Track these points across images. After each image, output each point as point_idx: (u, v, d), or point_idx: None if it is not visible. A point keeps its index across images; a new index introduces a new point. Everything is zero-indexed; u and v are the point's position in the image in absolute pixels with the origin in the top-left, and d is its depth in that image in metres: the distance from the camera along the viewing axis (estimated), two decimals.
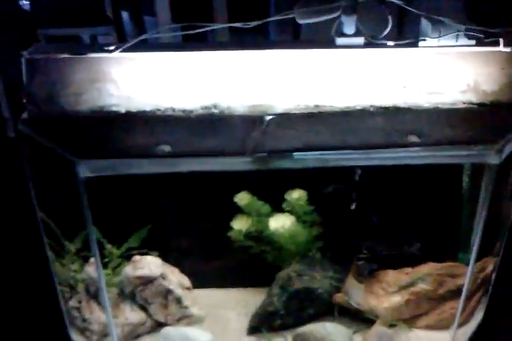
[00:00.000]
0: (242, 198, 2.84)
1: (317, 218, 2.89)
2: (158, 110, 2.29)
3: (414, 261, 2.87)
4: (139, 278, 2.72)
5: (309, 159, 2.06)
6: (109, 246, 2.81)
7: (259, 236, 2.92)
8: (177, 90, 2.29)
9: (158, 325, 2.80)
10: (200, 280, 3.03)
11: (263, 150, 2.08)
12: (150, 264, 2.74)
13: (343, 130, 2.21)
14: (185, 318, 2.82)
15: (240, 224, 2.82)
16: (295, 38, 3.44)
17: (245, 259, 2.96)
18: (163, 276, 2.75)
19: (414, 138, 2.18)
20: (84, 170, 2.08)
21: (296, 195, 2.84)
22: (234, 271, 3.19)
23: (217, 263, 3.13)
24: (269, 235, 2.84)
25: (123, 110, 2.37)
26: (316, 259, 2.90)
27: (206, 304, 3.08)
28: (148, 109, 2.37)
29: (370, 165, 2.21)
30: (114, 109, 2.38)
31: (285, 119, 2.27)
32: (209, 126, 2.28)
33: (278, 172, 2.21)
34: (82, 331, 2.74)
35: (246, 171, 2.16)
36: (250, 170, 2.07)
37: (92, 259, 2.61)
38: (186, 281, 2.93)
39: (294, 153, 2.05)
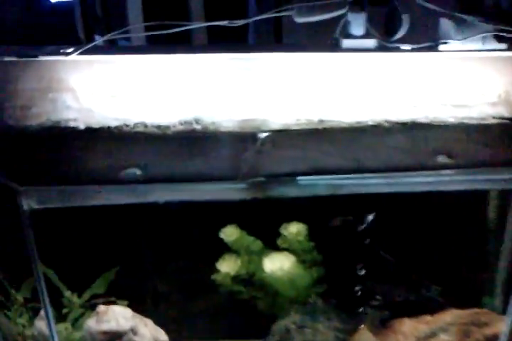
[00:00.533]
0: (230, 234, 2.41)
1: (318, 257, 2.46)
2: (127, 126, 1.87)
3: (433, 308, 2.46)
4: (105, 333, 2.24)
5: (318, 185, 1.65)
6: (68, 294, 2.35)
7: (250, 280, 2.49)
8: (150, 101, 1.87)
9: None
10: (179, 333, 2.57)
11: (259, 175, 1.66)
12: (118, 316, 2.26)
13: (355, 149, 1.80)
14: None
15: (227, 266, 2.38)
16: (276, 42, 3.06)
17: (233, 307, 2.52)
18: (133, 331, 2.27)
19: (444, 159, 1.79)
20: (30, 201, 1.64)
21: (294, 229, 2.41)
22: (219, 320, 2.73)
23: (199, 311, 2.68)
24: (263, 278, 2.40)
25: (82, 126, 1.92)
26: (318, 307, 2.44)
27: None
28: (113, 124, 1.91)
29: (389, 192, 1.80)
30: (72, 124, 1.92)
31: (283, 137, 1.86)
32: (190, 146, 1.86)
33: (270, 201, 1.80)
34: None
35: (232, 204, 1.75)
36: (243, 199, 1.65)
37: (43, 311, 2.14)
38: (162, 335, 2.44)
39: (299, 178, 1.64)
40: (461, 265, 2.45)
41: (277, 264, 2.32)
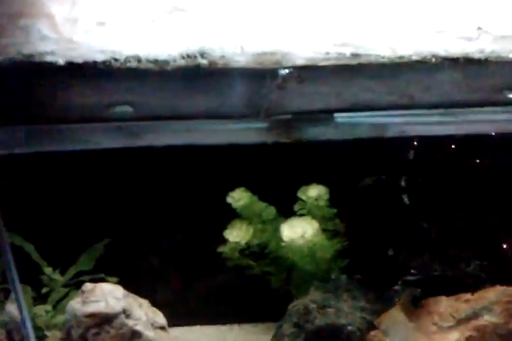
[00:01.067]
0: (239, 198, 2.07)
1: (341, 226, 2.13)
2: (116, 60, 1.53)
3: (474, 285, 2.14)
4: (92, 316, 1.88)
5: (359, 124, 1.31)
6: (48, 270, 2.02)
7: (262, 254, 2.16)
8: (145, 29, 1.53)
9: None
10: (179, 316, 2.25)
11: (284, 112, 1.33)
12: (107, 296, 1.90)
13: (402, 84, 1.46)
14: None
15: (237, 235, 2.05)
16: None
17: (242, 285, 2.20)
18: (126, 313, 1.91)
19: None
20: None
21: (314, 193, 2.07)
22: (226, 301, 2.42)
23: (202, 291, 2.37)
24: (277, 250, 2.07)
25: (61, 61, 1.53)
26: (341, 284, 2.12)
27: None
28: (100, 58, 1.53)
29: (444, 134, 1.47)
30: (49, 58, 1.54)
31: (311, 72, 1.52)
32: (193, 85, 1.52)
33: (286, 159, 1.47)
34: None
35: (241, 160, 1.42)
36: (263, 143, 1.31)
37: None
38: (160, 318, 2.10)
39: (335, 115, 1.31)
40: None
41: (298, 231, 1.98)
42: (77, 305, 1.90)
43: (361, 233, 2.14)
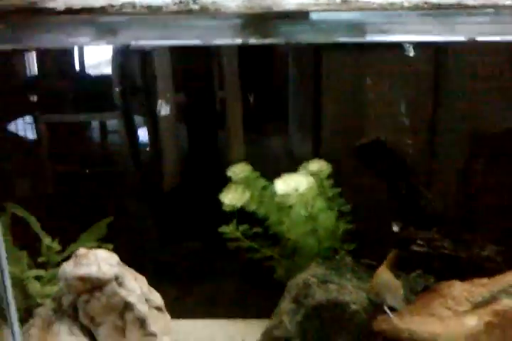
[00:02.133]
0: (240, 170, 2.00)
1: (346, 205, 2.03)
2: (112, 7, 1.54)
3: (490, 269, 1.99)
4: (82, 279, 1.78)
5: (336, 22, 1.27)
6: (48, 241, 1.96)
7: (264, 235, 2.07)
8: None
9: None
10: (180, 309, 2.15)
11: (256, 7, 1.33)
12: (100, 261, 1.80)
13: None
14: None
15: (233, 197, 1.96)
16: None
17: (246, 279, 2.11)
18: (118, 280, 1.81)
19: None
20: None
21: (316, 167, 1.99)
22: (229, 295, 2.32)
23: (205, 284, 2.29)
24: (276, 222, 1.97)
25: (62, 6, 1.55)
26: (346, 263, 2.00)
27: (185, 338, 2.17)
28: (97, 4, 1.56)
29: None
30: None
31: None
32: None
33: None
34: None
35: None
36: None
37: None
38: (157, 298, 1.98)
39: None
40: None
41: (292, 185, 1.88)
42: (68, 267, 1.81)
43: (367, 216, 2.03)
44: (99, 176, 2.54)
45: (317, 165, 2.02)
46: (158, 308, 1.96)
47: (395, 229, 1.95)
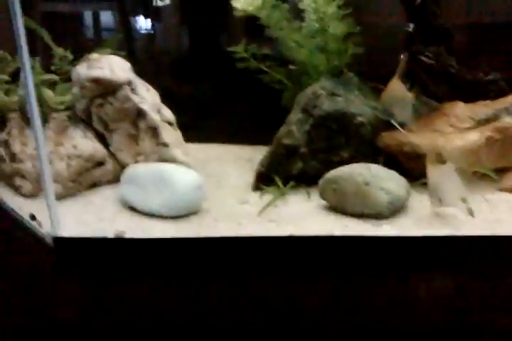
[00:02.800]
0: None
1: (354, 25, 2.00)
2: None
3: (493, 92, 2.02)
4: (96, 81, 1.79)
5: None
6: (60, 50, 1.94)
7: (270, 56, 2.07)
8: None
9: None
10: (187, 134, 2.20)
11: None
12: (114, 65, 1.81)
13: None
14: (164, 162, 1.90)
15: (245, 1, 1.92)
16: None
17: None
18: (131, 86, 1.83)
19: None
20: None
21: None
22: (233, 122, 2.36)
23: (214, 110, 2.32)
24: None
25: None
26: (353, 81, 2.01)
27: (195, 157, 2.24)
28: None
29: None
30: None
31: None
32: None
33: None
34: (10, 179, 1.89)
35: None
36: None
37: None
38: (169, 114, 2.01)
39: None
40: None
41: None
42: (81, 69, 1.82)
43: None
44: None
45: None
46: (170, 123, 1.99)
47: (409, 28, 1.94)
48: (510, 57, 2.16)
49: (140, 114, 1.87)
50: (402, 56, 2.03)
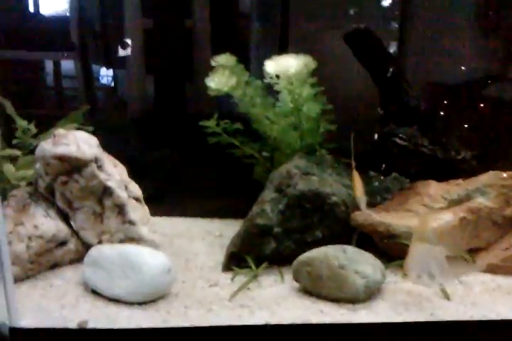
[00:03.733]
0: (226, 60, 1.94)
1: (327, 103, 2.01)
2: None
3: (465, 171, 2.03)
4: (61, 159, 1.71)
5: None
6: (23, 123, 1.86)
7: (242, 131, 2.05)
8: None
9: (88, 250, 1.78)
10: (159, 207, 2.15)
11: None
12: (79, 141, 1.73)
13: None
14: (131, 242, 1.85)
15: (219, 81, 1.89)
16: None
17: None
18: (98, 163, 1.76)
19: None
20: None
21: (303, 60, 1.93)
22: (208, 196, 2.31)
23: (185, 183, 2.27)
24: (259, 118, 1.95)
25: None
26: (327, 160, 2.01)
27: (162, 233, 2.16)
28: None
29: None
30: None
31: None
32: None
33: None
34: None
35: None
36: None
37: None
38: (136, 189, 1.96)
39: None
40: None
41: (282, 64, 1.84)
42: (46, 145, 1.73)
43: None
44: None
45: (305, 58, 1.97)
46: (137, 199, 1.93)
47: (380, 112, 1.96)
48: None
49: (106, 191, 1.79)
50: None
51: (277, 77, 1.99)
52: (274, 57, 1.95)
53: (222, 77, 1.91)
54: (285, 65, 1.88)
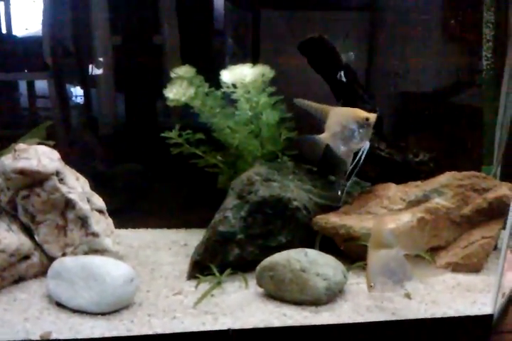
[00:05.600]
0: (185, 72, 1.98)
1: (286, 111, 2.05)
2: None
3: (423, 173, 2.08)
4: (22, 172, 1.73)
5: None
6: None
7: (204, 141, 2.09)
8: None
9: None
10: (125, 219, 2.16)
11: None
12: (41, 155, 1.74)
13: None
14: (95, 253, 1.85)
15: (177, 92, 1.93)
16: None
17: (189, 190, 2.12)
18: (59, 176, 1.77)
19: None
20: None
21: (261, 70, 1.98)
22: (175, 206, 2.34)
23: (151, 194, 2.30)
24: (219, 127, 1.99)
25: None
26: (288, 166, 2.04)
27: (128, 244, 2.18)
28: None
29: None
30: None
31: None
32: None
33: None
34: None
35: None
36: None
37: None
38: (99, 201, 1.97)
39: None
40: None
41: (237, 73, 1.89)
42: (7, 160, 1.74)
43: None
44: None
45: (261, 68, 2.02)
46: (100, 211, 1.94)
47: None
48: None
49: (69, 204, 1.80)
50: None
51: (234, 86, 2.05)
52: (229, 67, 2.00)
53: (180, 88, 1.94)
54: (241, 74, 1.93)
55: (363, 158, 1.78)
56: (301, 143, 1.82)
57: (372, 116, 1.74)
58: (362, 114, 1.76)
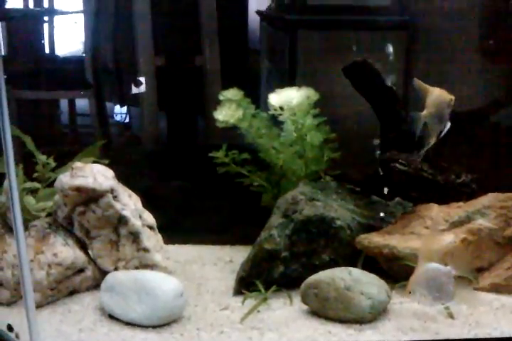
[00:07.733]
0: (233, 95, 2.06)
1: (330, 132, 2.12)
2: None
3: (465, 194, 2.10)
4: (79, 189, 1.83)
5: None
6: (42, 157, 1.97)
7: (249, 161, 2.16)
8: None
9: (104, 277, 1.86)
10: (170, 235, 2.23)
11: None
12: (96, 174, 1.84)
13: None
14: (145, 268, 1.92)
15: (226, 113, 2.02)
16: None
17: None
18: (114, 193, 1.86)
19: None
20: None
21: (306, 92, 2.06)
22: (220, 223, 2.40)
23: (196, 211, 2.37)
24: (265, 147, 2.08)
25: None
26: (331, 186, 2.10)
27: (175, 259, 2.24)
28: None
29: None
30: None
31: None
32: None
33: None
34: None
35: None
36: None
37: None
38: (150, 218, 2.05)
39: None
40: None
41: (283, 96, 1.98)
42: (65, 178, 1.84)
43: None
44: None
45: (307, 91, 2.09)
46: (151, 227, 2.02)
47: (375, 142, 2.06)
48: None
49: (122, 220, 1.89)
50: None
51: (281, 108, 2.12)
52: (277, 90, 2.09)
53: (229, 110, 2.02)
54: (288, 97, 2.01)
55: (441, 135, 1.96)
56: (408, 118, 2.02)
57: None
58: (450, 95, 1.97)
